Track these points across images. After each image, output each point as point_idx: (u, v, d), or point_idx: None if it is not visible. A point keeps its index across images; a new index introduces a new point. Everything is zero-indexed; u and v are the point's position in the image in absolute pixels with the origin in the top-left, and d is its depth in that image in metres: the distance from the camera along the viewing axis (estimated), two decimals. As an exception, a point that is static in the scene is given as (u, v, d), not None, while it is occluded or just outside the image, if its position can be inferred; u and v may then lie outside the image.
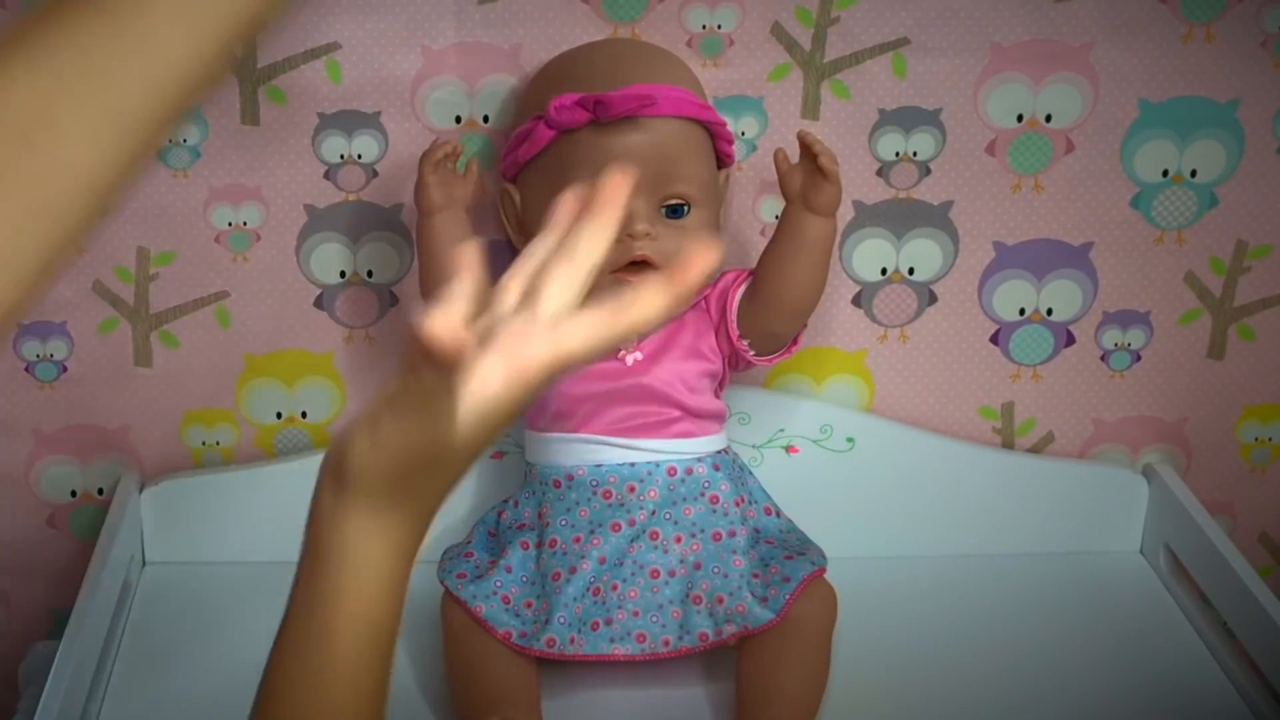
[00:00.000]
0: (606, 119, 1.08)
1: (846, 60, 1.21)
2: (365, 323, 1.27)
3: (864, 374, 1.30)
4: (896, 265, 1.27)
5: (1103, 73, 1.22)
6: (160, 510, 1.26)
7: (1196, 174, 1.25)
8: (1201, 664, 1.18)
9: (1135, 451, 1.33)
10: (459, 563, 1.13)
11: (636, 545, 1.11)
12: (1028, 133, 1.24)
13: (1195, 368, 1.31)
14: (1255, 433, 1.33)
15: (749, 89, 1.22)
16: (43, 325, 1.24)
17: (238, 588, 1.24)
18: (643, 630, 1.10)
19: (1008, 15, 1.21)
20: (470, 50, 1.20)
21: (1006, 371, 1.30)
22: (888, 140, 1.23)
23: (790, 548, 1.14)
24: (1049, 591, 1.26)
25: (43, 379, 1.26)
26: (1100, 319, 1.29)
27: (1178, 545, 1.26)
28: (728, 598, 1.10)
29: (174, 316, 1.25)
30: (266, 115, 1.21)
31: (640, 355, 1.13)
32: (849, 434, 1.28)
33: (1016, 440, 1.32)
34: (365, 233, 1.24)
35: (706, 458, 1.14)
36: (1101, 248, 1.27)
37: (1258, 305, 1.29)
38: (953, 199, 1.25)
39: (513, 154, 1.14)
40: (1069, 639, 1.20)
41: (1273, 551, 1.38)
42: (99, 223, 0.71)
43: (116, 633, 1.17)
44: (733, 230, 1.25)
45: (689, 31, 1.20)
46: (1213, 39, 1.22)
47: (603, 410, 1.13)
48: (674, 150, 1.10)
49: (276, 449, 1.30)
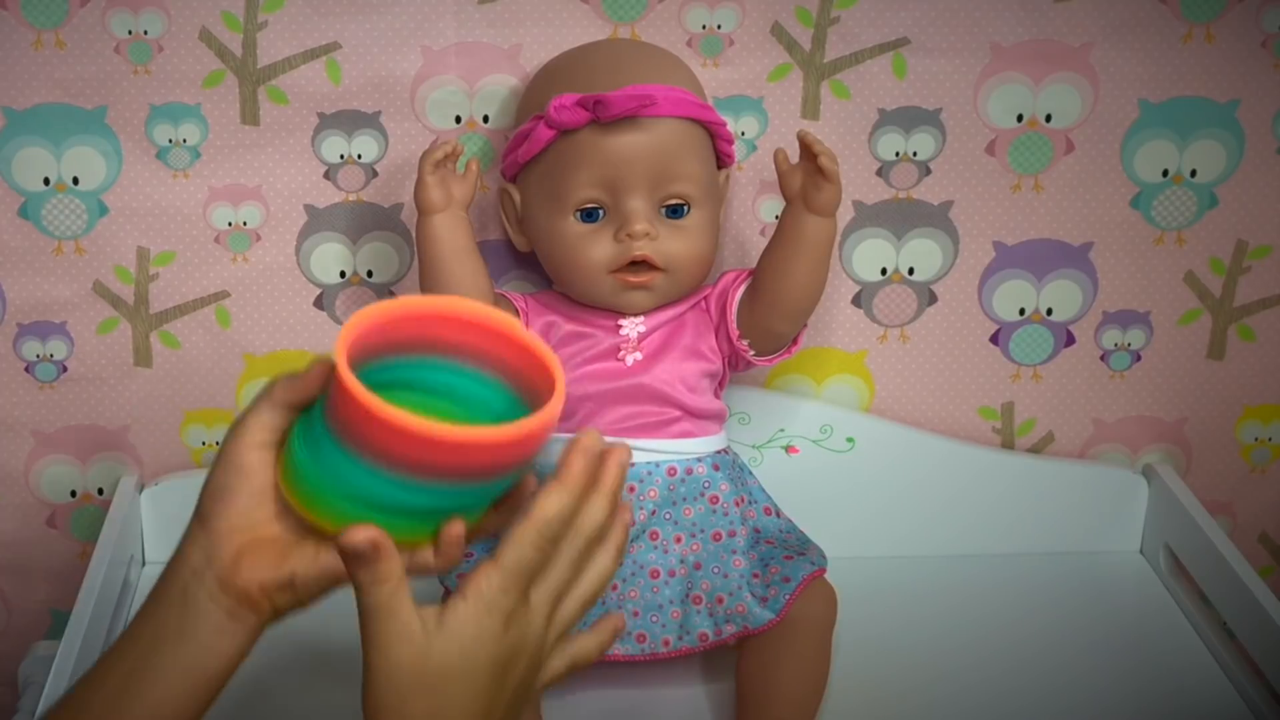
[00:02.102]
0: (606, 119, 1.08)
1: (846, 60, 1.22)
2: (365, 323, 1.27)
3: (864, 374, 1.30)
4: (896, 265, 1.27)
5: (1103, 73, 1.22)
6: (160, 510, 1.26)
7: (1196, 174, 1.25)
8: (1201, 664, 1.18)
9: (1135, 451, 1.34)
10: (459, 563, 1.13)
11: (636, 545, 1.11)
12: (1028, 133, 1.24)
13: (1195, 368, 1.31)
14: (1255, 433, 1.33)
15: (749, 89, 1.22)
16: (43, 325, 1.24)
17: (238, 588, 1.24)
18: (643, 630, 1.10)
19: (1008, 15, 1.21)
20: (470, 50, 1.20)
21: (1006, 371, 1.31)
22: (888, 140, 1.23)
23: (790, 548, 1.14)
24: (1049, 591, 1.26)
25: (43, 379, 1.26)
26: (1100, 319, 1.29)
27: (1178, 545, 1.26)
28: (728, 598, 1.10)
29: (174, 316, 1.25)
30: (266, 115, 1.21)
31: (640, 355, 1.13)
32: (849, 434, 1.28)
33: (1016, 440, 1.32)
34: (365, 233, 1.24)
35: (706, 458, 1.14)
36: (1101, 248, 1.27)
37: (1258, 305, 1.29)
38: (953, 199, 1.25)
39: (513, 154, 1.14)
40: (1069, 639, 1.20)
41: (1273, 551, 1.38)
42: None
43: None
44: (733, 230, 1.25)
45: (689, 31, 1.20)
46: (1212, 39, 1.22)
47: (603, 410, 1.13)
48: (674, 150, 1.10)
49: (276, 449, 1.29)
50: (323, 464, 0.80)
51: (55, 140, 1.20)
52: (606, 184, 1.10)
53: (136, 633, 0.85)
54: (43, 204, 1.21)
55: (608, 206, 1.11)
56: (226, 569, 0.84)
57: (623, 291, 1.13)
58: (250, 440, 0.84)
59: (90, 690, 0.84)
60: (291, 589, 0.85)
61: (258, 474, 0.84)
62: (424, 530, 0.81)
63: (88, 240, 1.22)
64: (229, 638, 0.84)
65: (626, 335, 1.14)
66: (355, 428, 0.77)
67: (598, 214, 1.11)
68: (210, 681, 0.84)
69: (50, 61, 1.18)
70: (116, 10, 1.17)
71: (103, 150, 1.20)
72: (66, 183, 1.21)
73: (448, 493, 0.79)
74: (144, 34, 1.18)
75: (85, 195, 1.21)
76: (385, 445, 0.76)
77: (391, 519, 0.78)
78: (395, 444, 0.76)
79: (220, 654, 0.84)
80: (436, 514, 0.80)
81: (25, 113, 1.19)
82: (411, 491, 0.78)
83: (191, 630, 0.84)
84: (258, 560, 0.84)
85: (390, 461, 0.77)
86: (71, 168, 1.20)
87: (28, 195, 1.21)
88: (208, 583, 0.84)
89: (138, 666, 0.83)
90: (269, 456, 0.84)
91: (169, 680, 0.83)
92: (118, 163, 1.21)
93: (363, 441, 0.77)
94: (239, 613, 0.84)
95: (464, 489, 0.79)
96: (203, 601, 0.84)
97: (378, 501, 0.78)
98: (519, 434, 0.76)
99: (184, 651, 0.84)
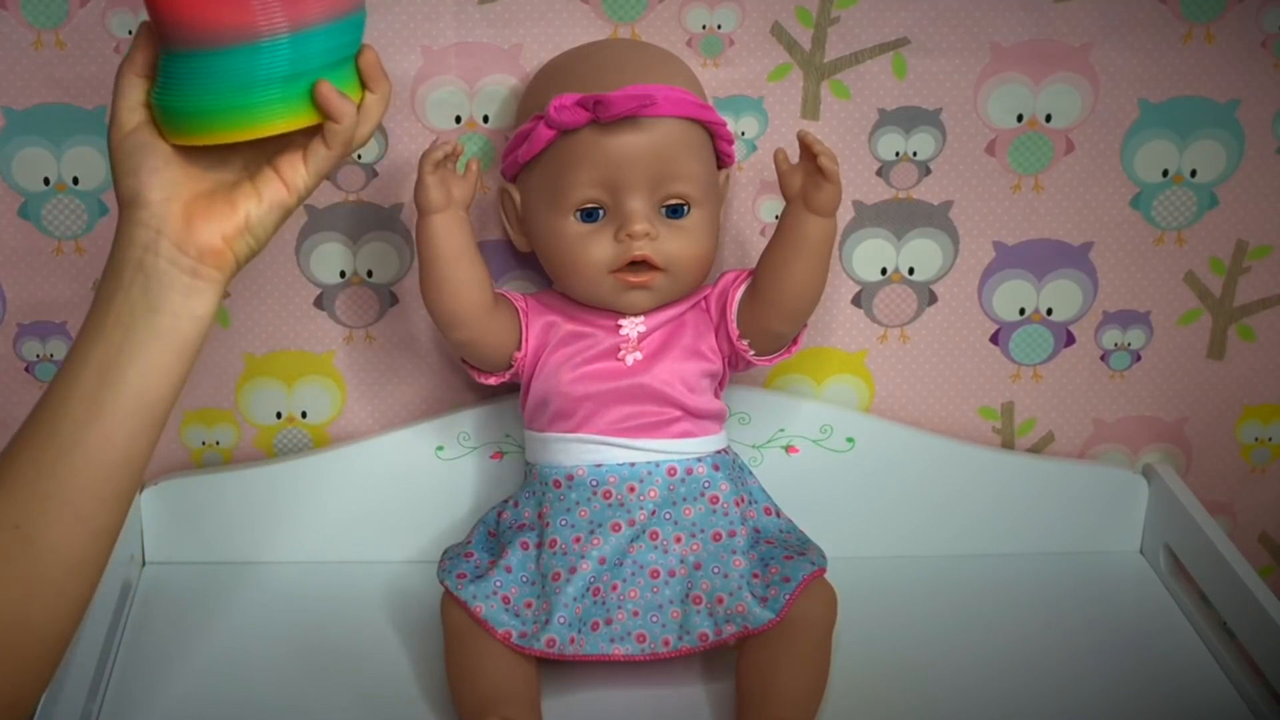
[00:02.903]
0: (606, 119, 1.08)
1: (846, 60, 1.22)
2: (365, 323, 1.27)
3: (864, 374, 1.30)
4: (896, 265, 1.27)
5: (1103, 73, 1.22)
6: (160, 510, 1.26)
7: (1196, 174, 1.25)
8: (1201, 664, 1.18)
9: (1135, 451, 1.34)
10: (459, 563, 1.13)
11: (636, 545, 1.11)
12: (1028, 133, 1.24)
13: (1195, 368, 1.31)
14: (1255, 433, 1.33)
15: (749, 89, 1.22)
16: (43, 325, 1.24)
17: (237, 588, 1.24)
18: (643, 630, 1.10)
19: (1008, 15, 1.21)
20: (470, 50, 1.20)
21: (1006, 371, 1.31)
22: (888, 140, 1.23)
23: (790, 548, 1.14)
24: (1049, 591, 1.26)
25: (43, 379, 1.26)
26: (1100, 319, 1.29)
27: (1178, 545, 1.26)
28: (728, 598, 1.10)
29: (174, 316, 1.25)
30: (266, 115, 1.20)
31: (640, 355, 1.13)
32: (849, 434, 1.28)
33: (1016, 440, 1.32)
34: (365, 233, 1.24)
35: (706, 458, 1.14)
36: (1101, 248, 1.27)
37: (1258, 305, 1.30)
38: (953, 199, 1.25)
39: (513, 154, 1.14)
40: (1069, 639, 1.20)
41: (1273, 551, 1.38)
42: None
43: (116, 633, 1.17)
44: (733, 230, 1.25)
45: (689, 31, 1.20)
46: (1212, 39, 1.22)
47: (603, 410, 1.13)
48: (674, 150, 1.10)
49: (276, 449, 1.29)
50: (175, 81, 0.89)
51: (55, 140, 1.20)
52: (606, 184, 1.10)
53: (97, 326, 0.87)
54: (43, 204, 1.21)
55: (608, 206, 1.11)
56: (179, 231, 0.88)
57: (623, 291, 1.13)
58: (129, 112, 0.90)
59: (63, 395, 0.86)
60: (249, 230, 0.90)
61: (153, 141, 0.90)
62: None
63: (88, 240, 1.22)
64: (199, 297, 0.88)
65: (626, 335, 1.14)
66: (170, 13, 0.87)
67: (598, 214, 1.11)
68: (186, 347, 0.88)
69: (50, 61, 1.18)
70: (116, 10, 1.17)
71: (102, 150, 1.20)
72: (66, 183, 1.21)
73: (283, 45, 0.88)
74: (144, 34, 1.18)
75: (85, 195, 1.21)
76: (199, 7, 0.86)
77: (269, 92, 0.88)
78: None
79: (194, 316, 0.88)
80: (299, 79, 0.90)
81: (25, 113, 1.19)
82: (256, 53, 0.87)
83: (160, 300, 0.87)
84: (210, 214, 0.89)
85: (207, 26, 0.87)
86: (71, 168, 1.20)
87: (28, 195, 1.21)
88: (164, 250, 0.87)
89: (110, 356, 0.86)
90: (152, 125, 0.91)
91: (147, 358, 0.86)
92: (118, 163, 1.21)
93: (174, 20, 0.87)
94: (203, 270, 0.88)
95: (293, 37, 0.88)
96: (164, 269, 0.87)
97: (243, 80, 0.88)
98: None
99: (158, 324, 0.87)
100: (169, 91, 0.90)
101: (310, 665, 1.15)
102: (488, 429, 1.26)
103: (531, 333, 1.15)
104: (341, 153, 0.93)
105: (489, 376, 1.17)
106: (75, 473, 0.86)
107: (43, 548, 0.86)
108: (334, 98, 0.91)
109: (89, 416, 0.86)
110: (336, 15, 0.92)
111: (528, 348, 1.15)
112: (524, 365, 1.15)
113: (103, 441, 0.87)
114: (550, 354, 1.14)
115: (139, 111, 0.92)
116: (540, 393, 1.14)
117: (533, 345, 1.15)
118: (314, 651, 1.17)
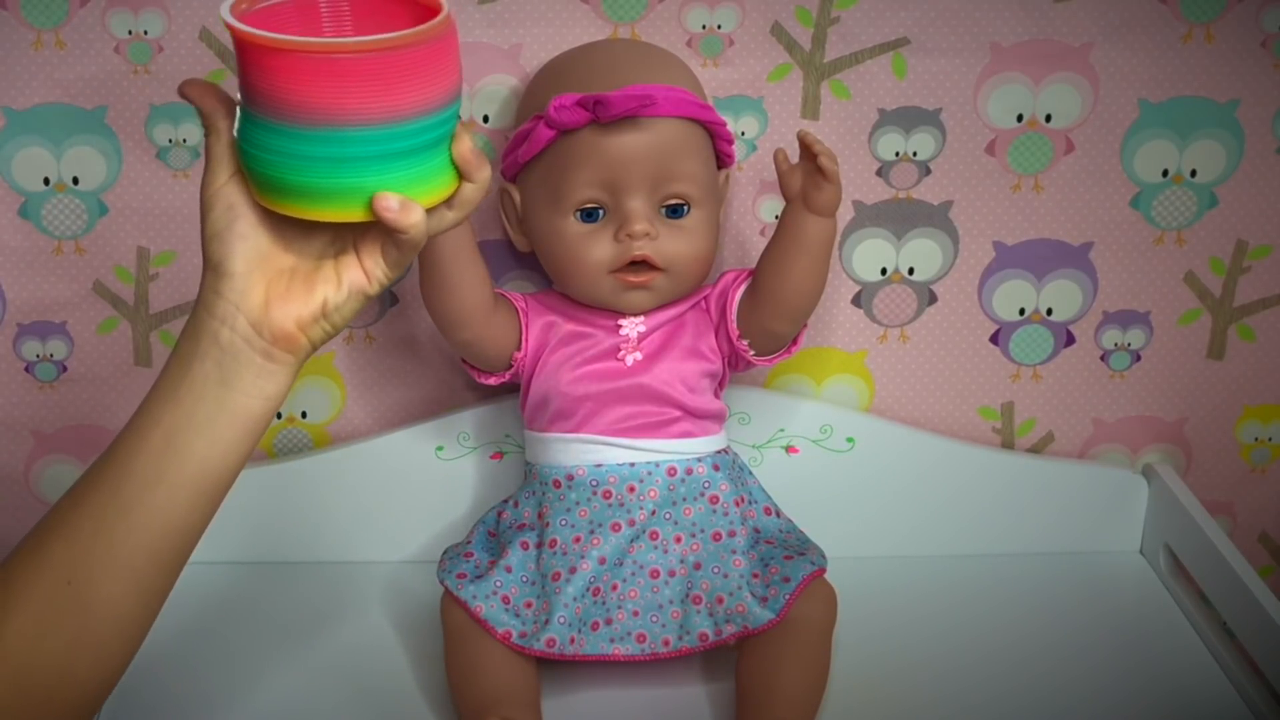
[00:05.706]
0: (606, 119, 1.08)
1: (846, 60, 1.22)
2: (365, 323, 1.27)
3: (864, 374, 1.30)
4: (896, 265, 1.27)
5: (1103, 73, 1.22)
6: (160, 510, 1.26)
7: (1196, 174, 1.25)
8: (1201, 664, 1.18)
9: (1135, 451, 1.34)
10: (459, 563, 1.13)
11: (636, 545, 1.11)
12: (1028, 133, 1.24)
13: (1195, 368, 1.31)
14: (1255, 433, 1.33)
15: (749, 89, 1.22)
16: (43, 325, 1.24)
17: (237, 587, 1.24)
18: (643, 630, 1.10)
19: (1008, 15, 1.21)
20: (470, 50, 1.20)
21: (1006, 371, 1.31)
22: (888, 140, 1.24)
23: (790, 548, 1.14)
24: (1049, 591, 1.26)
25: (43, 379, 1.26)
26: (1100, 319, 1.29)
27: (1178, 545, 1.26)
28: (728, 598, 1.10)
29: (174, 316, 1.25)
30: (266, 115, 1.21)
31: (640, 355, 1.13)
32: (849, 434, 1.28)
33: (1016, 440, 1.32)
34: (365, 233, 1.24)
35: (706, 458, 1.14)
36: (1101, 248, 1.27)
37: (1258, 305, 1.30)
38: (953, 199, 1.26)
39: (513, 154, 1.14)
40: (1069, 639, 1.20)
41: (1273, 551, 1.38)
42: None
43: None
44: (733, 230, 1.26)
45: (689, 31, 1.20)
46: (1212, 39, 1.22)
47: (603, 410, 1.13)
48: (673, 150, 1.10)
49: (276, 449, 1.30)
50: (259, 142, 0.84)
51: (55, 140, 1.20)
52: (606, 184, 1.10)
53: (170, 389, 0.86)
54: (43, 204, 1.21)
55: (608, 206, 1.11)
56: (256, 312, 0.85)
57: (623, 291, 1.13)
58: (220, 178, 0.86)
59: (131, 452, 0.85)
60: (325, 317, 0.87)
61: (243, 203, 0.86)
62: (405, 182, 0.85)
63: (88, 240, 1.23)
64: (271, 379, 0.86)
65: (626, 335, 1.14)
66: (254, 78, 0.82)
67: (598, 214, 1.11)
68: (255, 425, 0.86)
69: (50, 61, 1.18)
70: (116, 10, 1.17)
71: (103, 150, 1.20)
72: (66, 183, 1.21)
73: (378, 135, 0.82)
74: (144, 34, 1.18)
75: (85, 195, 1.21)
76: (286, 80, 0.80)
77: (357, 176, 0.83)
78: (295, 75, 0.80)
79: (264, 396, 0.86)
80: (391, 164, 0.84)
81: (25, 113, 1.19)
82: (348, 142, 0.82)
83: (234, 376, 0.85)
84: (288, 297, 0.86)
85: (302, 100, 0.81)
86: (71, 168, 1.20)
87: (28, 195, 1.21)
88: (240, 328, 0.85)
89: (180, 422, 0.84)
90: (243, 184, 0.87)
91: (215, 430, 0.85)
92: (118, 163, 1.21)
93: (266, 88, 0.81)
94: (275, 354, 0.86)
95: (389, 128, 0.82)
96: (239, 346, 0.85)
97: (328, 158, 0.82)
98: (403, 40, 0.80)
99: (229, 399, 0.85)
100: (260, 161, 0.84)
101: (310, 665, 1.15)
102: (487, 429, 1.26)
103: (531, 333, 1.15)
104: (412, 254, 0.87)
105: (489, 377, 1.17)
106: (133, 532, 0.85)
107: (93, 604, 0.85)
108: (392, 207, 0.84)
109: (153, 479, 0.85)
110: (444, 103, 0.85)
111: (528, 348, 1.15)
112: (524, 365, 1.15)
113: (164, 504, 0.85)
114: (550, 354, 1.14)
115: (235, 166, 0.87)
116: (540, 393, 1.14)
117: (533, 345, 1.15)
118: (314, 651, 1.17)
